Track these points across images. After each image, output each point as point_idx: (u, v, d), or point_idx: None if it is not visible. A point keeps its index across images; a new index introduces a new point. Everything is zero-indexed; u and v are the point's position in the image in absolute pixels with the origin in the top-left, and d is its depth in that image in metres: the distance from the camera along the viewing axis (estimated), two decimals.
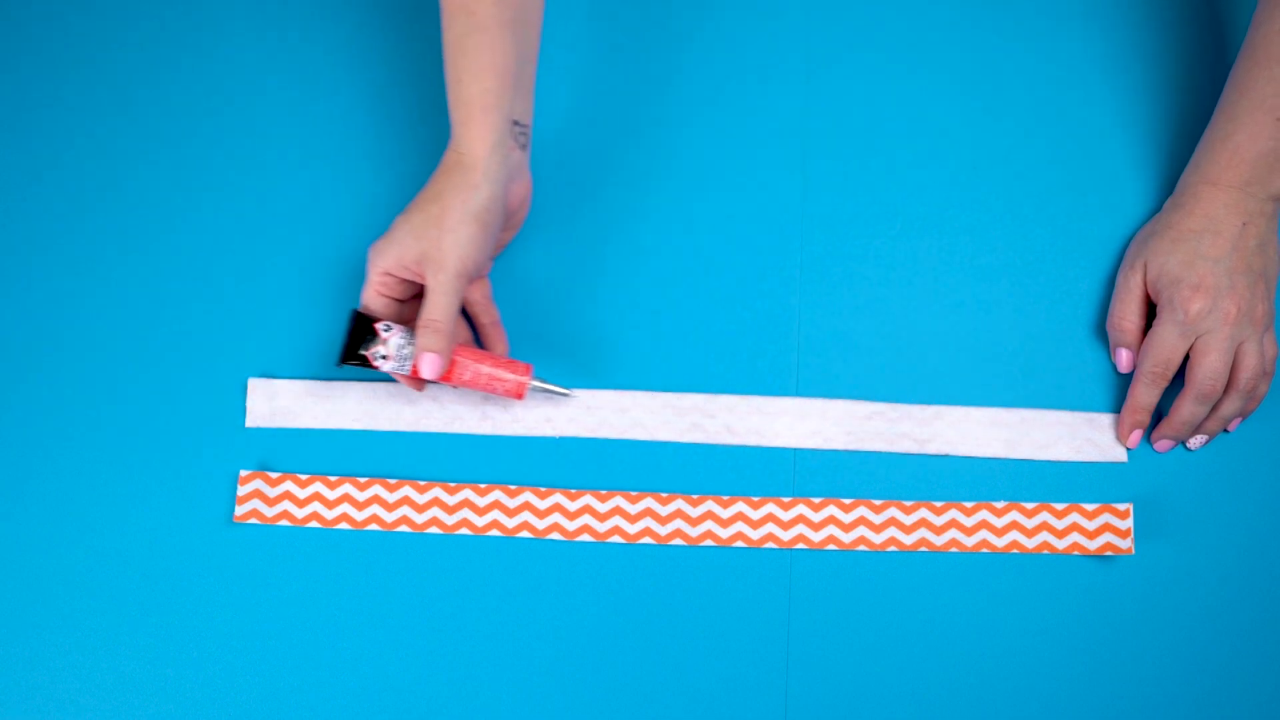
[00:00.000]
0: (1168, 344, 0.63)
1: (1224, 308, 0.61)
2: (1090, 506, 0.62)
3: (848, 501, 0.63)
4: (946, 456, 0.64)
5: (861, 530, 0.62)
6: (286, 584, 0.63)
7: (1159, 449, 0.64)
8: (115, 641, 0.62)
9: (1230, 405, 0.63)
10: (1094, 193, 0.69)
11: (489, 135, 0.62)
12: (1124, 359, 0.65)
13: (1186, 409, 0.62)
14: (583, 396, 0.65)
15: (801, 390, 0.66)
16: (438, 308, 0.60)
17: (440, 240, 0.60)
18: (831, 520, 0.62)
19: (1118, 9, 0.72)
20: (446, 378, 0.61)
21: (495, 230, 0.62)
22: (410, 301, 0.64)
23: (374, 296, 0.62)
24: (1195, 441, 0.64)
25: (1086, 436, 0.64)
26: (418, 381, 0.62)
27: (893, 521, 0.62)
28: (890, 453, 0.64)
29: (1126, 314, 0.65)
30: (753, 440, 0.64)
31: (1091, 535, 0.61)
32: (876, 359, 0.66)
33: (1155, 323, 0.64)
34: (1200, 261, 0.62)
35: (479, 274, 0.63)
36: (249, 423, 0.65)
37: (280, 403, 0.65)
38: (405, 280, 0.62)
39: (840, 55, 0.71)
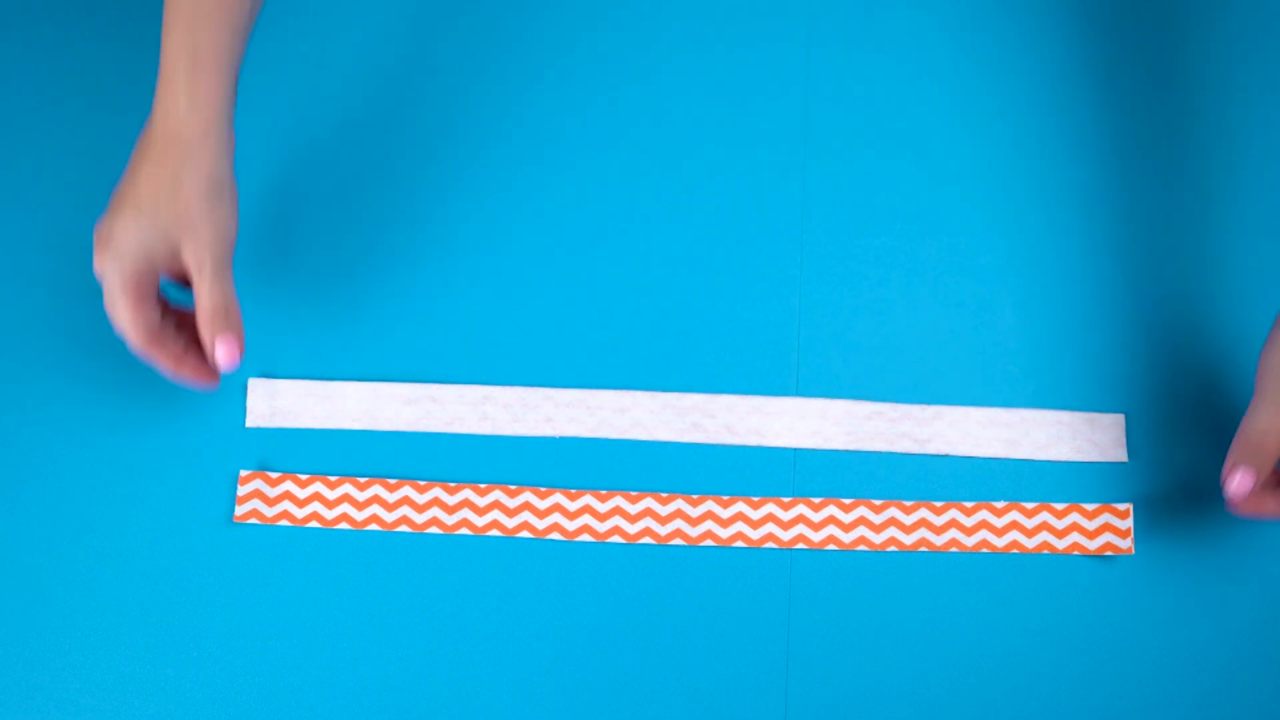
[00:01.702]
0: None
1: None
2: (1090, 506, 0.62)
3: (848, 501, 0.63)
4: (946, 456, 0.64)
5: (861, 530, 0.62)
6: (287, 584, 0.63)
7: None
8: (115, 641, 0.62)
9: None
10: (1094, 192, 0.69)
11: (223, 92, 0.55)
12: (1244, 489, 0.54)
13: None
14: (583, 396, 0.65)
15: (801, 390, 0.66)
16: (218, 293, 0.56)
17: (197, 226, 0.55)
18: (831, 520, 0.62)
19: (1119, 9, 0.72)
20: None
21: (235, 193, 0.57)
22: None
23: (136, 306, 0.55)
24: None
25: (1087, 436, 0.64)
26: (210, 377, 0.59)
27: (893, 521, 0.62)
28: (890, 453, 0.64)
29: (1267, 446, 0.53)
30: (753, 440, 0.64)
31: (1091, 535, 0.61)
32: (876, 359, 0.66)
33: None
34: None
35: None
36: (249, 423, 0.65)
37: (280, 403, 0.65)
38: (155, 280, 0.57)
39: (841, 55, 0.71)
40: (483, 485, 0.64)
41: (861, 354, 0.66)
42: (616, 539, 0.62)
